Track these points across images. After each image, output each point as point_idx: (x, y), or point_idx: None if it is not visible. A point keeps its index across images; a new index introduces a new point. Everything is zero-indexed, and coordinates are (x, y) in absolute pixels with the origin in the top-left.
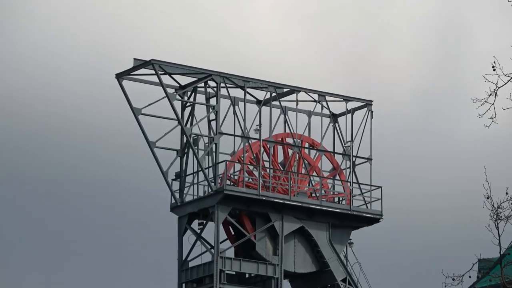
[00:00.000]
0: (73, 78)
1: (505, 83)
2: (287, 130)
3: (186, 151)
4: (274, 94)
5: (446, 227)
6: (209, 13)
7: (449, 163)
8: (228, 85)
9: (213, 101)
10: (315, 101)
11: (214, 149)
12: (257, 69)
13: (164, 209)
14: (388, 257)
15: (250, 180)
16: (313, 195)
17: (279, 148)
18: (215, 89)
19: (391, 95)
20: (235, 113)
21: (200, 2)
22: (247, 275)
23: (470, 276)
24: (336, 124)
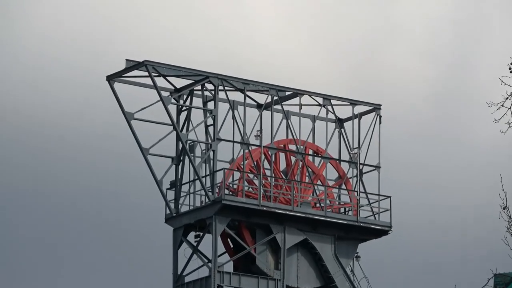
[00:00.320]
0: (61, 80)
1: None
2: (290, 136)
3: (181, 158)
4: (275, 98)
5: (460, 240)
6: (206, 11)
7: (463, 171)
8: (226, 88)
9: (210, 105)
10: (319, 105)
11: (211, 156)
12: (258, 71)
13: (158, 220)
14: (398, 271)
15: (250, 189)
16: (318, 205)
17: (281, 155)
18: (213, 92)
19: (401, 98)
20: (234, 117)
21: (197, 0)
22: None
23: None
24: (342, 130)
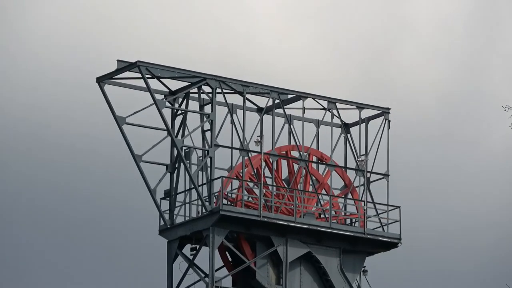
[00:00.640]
0: (48, 81)
1: None
2: (293, 142)
3: (177, 166)
4: (277, 101)
5: (475, 251)
6: (203, 9)
7: (477, 177)
8: (225, 91)
9: (207, 109)
10: (324, 108)
11: (208, 164)
12: (258, 72)
13: (151, 232)
14: (408, 286)
15: (250, 199)
16: (322, 216)
17: (283, 162)
18: (210, 95)
19: (411, 101)
20: (233, 122)
21: None
22: None
23: None
24: (349, 135)
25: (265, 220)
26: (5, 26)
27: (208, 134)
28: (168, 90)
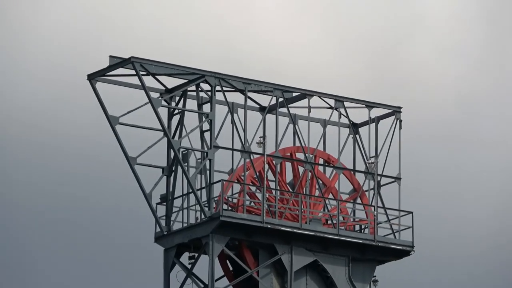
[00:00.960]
0: (34, 78)
1: None
2: (297, 143)
3: (173, 168)
4: (281, 99)
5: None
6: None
7: (496, 180)
8: (225, 88)
9: (206, 108)
10: (331, 107)
11: (208, 167)
12: (261, 69)
13: (147, 239)
14: None
15: (252, 204)
16: (329, 222)
17: (288, 165)
18: (209, 93)
19: (424, 100)
20: (233, 122)
21: None
22: None
23: None
24: (357, 136)
25: (268, 226)
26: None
27: (207, 134)
28: (164, 88)
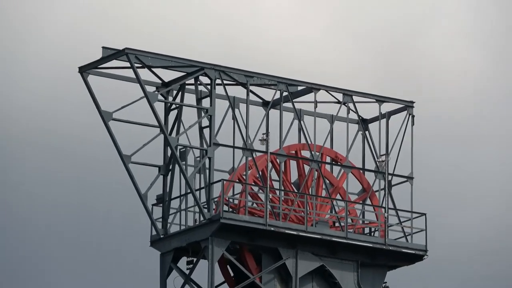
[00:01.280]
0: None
1: None
2: (303, 141)
3: (171, 167)
4: (285, 93)
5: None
6: None
7: None
8: (225, 82)
9: (206, 103)
10: (339, 102)
11: (207, 165)
12: (264, 61)
13: (142, 242)
14: None
15: (255, 205)
16: (337, 225)
17: (293, 163)
18: (209, 86)
19: (439, 94)
20: (234, 118)
21: None
22: None
23: None
24: (367, 132)
25: (272, 229)
26: None
27: (206, 131)
28: (160, 81)
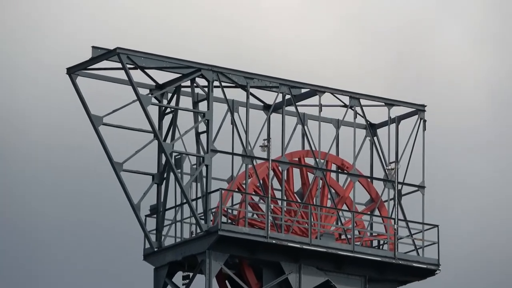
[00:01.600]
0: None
1: None
2: (307, 147)
3: (165, 176)
4: (288, 96)
5: None
6: None
7: None
8: (224, 84)
9: (203, 106)
10: (345, 105)
11: (204, 173)
12: (265, 62)
13: (135, 256)
14: None
15: (255, 216)
16: (343, 237)
17: (296, 171)
18: (206, 89)
19: (452, 98)
20: (233, 122)
21: None
22: None
23: None
24: (375, 138)
25: (274, 242)
26: None
27: (203, 137)
28: (154, 84)
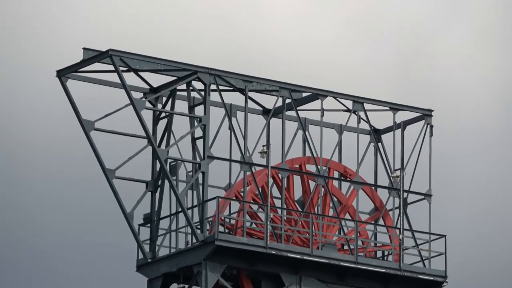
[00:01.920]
0: None
1: None
2: (308, 153)
3: (160, 183)
4: (288, 101)
5: None
6: None
7: None
8: (221, 87)
9: (199, 111)
10: (348, 110)
11: (200, 181)
12: (264, 65)
13: (127, 267)
14: None
15: (254, 225)
16: (346, 247)
17: (296, 179)
18: (203, 93)
19: (460, 102)
20: (231, 127)
21: None
22: None
23: None
24: (380, 144)
25: (273, 252)
26: None
27: (200, 142)
28: (148, 87)
